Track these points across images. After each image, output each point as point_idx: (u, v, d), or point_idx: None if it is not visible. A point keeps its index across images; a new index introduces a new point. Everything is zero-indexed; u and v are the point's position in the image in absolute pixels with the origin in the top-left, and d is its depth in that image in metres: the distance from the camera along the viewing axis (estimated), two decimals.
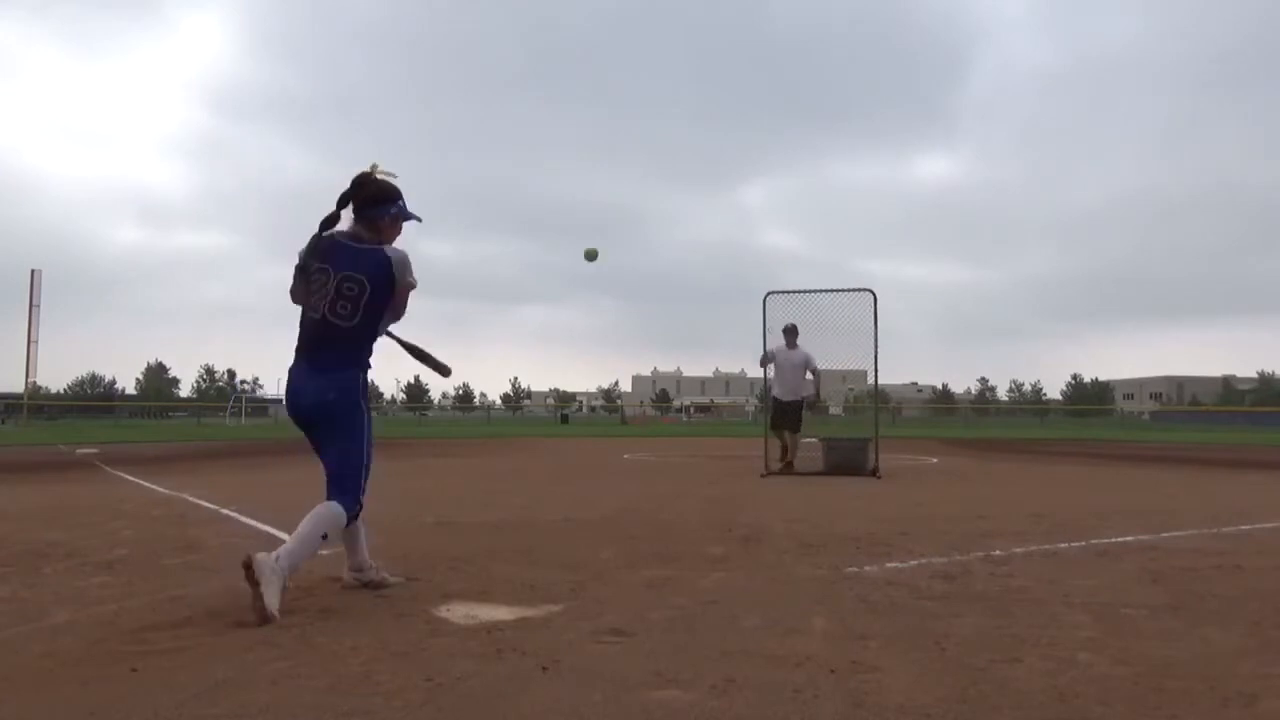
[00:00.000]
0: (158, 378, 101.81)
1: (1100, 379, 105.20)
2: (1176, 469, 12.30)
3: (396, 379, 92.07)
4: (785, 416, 10.35)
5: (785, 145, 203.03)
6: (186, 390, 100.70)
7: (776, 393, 10.48)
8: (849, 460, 9.98)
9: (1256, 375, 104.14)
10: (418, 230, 3.60)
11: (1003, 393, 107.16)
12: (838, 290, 10.22)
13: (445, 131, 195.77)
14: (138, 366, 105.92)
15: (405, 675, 2.43)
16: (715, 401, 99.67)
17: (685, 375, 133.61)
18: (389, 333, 3.58)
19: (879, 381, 10.33)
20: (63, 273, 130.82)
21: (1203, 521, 5.83)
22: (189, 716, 2.12)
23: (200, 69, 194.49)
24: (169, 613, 3.16)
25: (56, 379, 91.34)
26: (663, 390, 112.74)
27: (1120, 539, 5.00)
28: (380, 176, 3.50)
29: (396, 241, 3.51)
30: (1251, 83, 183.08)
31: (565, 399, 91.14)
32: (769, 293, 10.35)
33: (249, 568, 2.95)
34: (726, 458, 14.10)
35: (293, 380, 3.44)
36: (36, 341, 40.08)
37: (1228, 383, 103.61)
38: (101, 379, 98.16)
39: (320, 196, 3.58)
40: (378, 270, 3.36)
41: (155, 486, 8.46)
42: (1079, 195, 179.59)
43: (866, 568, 4.09)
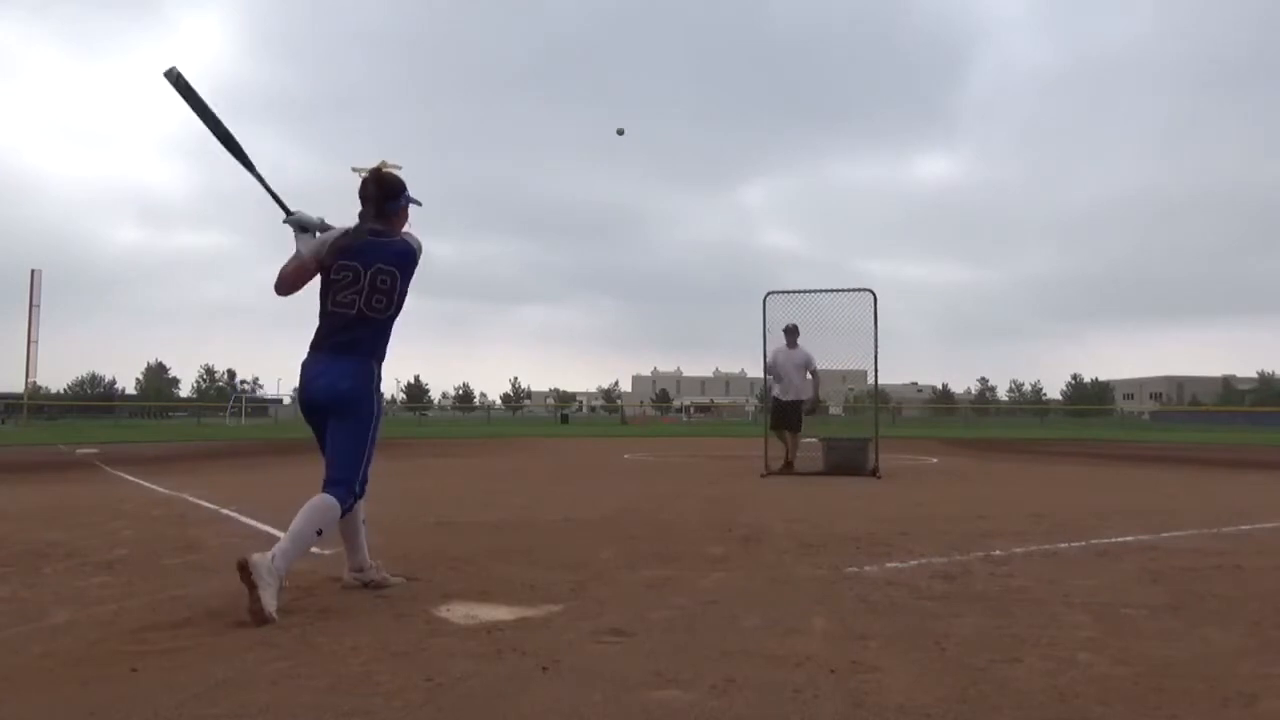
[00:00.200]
0: (158, 378, 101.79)
1: (1100, 379, 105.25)
2: (1176, 469, 12.30)
3: (396, 379, 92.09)
4: (785, 416, 10.35)
5: (785, 145, 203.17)
6: (186, 390, 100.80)
7: (776, 393, 10.47)
8: (849, 460, 9.98)
9: (1256, 375, 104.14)
10: (420, 230, 3.68)
11: (1003, 393, 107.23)
12: (838, 290, 10.25)
13: (445, 131, 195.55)
14: (138, 366, 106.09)
15: (405, 675, 2.43)
16: (715, 401, 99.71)
17: (685, 375, 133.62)
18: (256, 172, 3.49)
19: (879, 381, 10.34)
20: (63, 273, 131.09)
21: (1203, 521, 5.83)
22: (189, 716, 2.12)
23: (200, 69, 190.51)
24: (169, 613, 3.16)
25: (56, 379, 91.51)
26: (663, 390, 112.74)
27: (1120, 539, 5.00)
28: (388, 170, 3.67)
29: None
30: (1251, 83, 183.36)
31: (565, 399, 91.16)
32: (769, 293, 10.37)
33: (244, 569, 2.95)
34: (726, 458, 14.10)
35: (307, 371, 3.47)
36: (36, 341, 40.19)
37: (1228, 383, 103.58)
38: (101, 379, 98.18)
39: (321, 196, 3.63)
40: (405, 259, 3.51)
41: (155, 486, 8.46)
42: (1079, 195, 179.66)
43: (866, 568, 4.09)
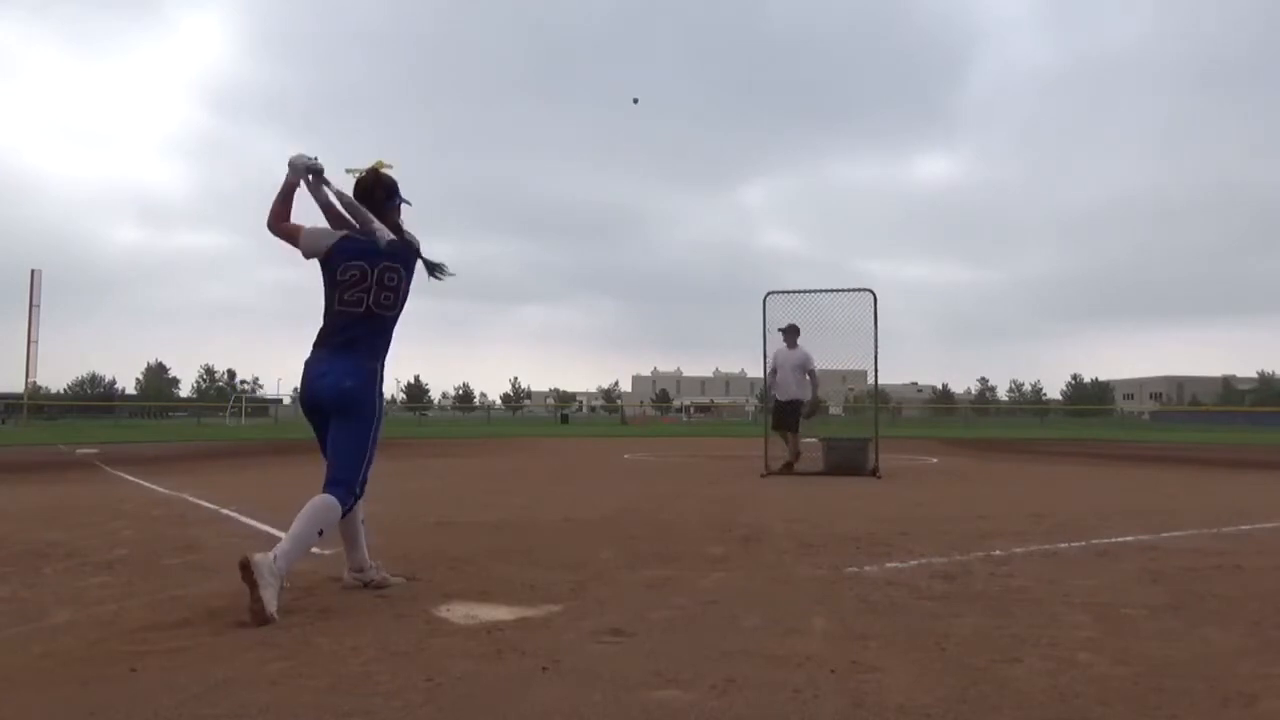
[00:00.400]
0: (158, 378, 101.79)
1: (1100, 379, 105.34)
2: (1176, 469, 12.30)
3: (396, 379, 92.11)
4: (783, 416, 10.37)
5: (785, 145, 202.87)
6: (186, 390, 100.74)
7: (775, 392, 10.51)
8: (849, 460, 9.98)
9: (1256, 375, 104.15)
10: (419, 230, 3.70)
11: (1003, 393, 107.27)
12: (838, 290, 10.25)
13: (445, 131, 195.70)
14: (138, 366, 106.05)
15: (405, 675, 2.43)
16: (715, 401, 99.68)
17: (685, 375, 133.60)
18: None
19: (879, 381, 10.35)
20: (63, 273, 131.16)
21: (1203, 521, 5.83)
22: (189, 716, 2.12)
23: (200, 69, 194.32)
24: (169, 613, 3.16)
25: (56, 379, 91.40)
26: (663, 390, 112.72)
27: (1120, 539, 5.00)
28: (385, 171, 3.67)
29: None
30: (1251, 83, 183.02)
31: (565, 399, 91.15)
32: (769, 293, 10.37)
33: (246, 568, 2.96)
34: (726, 458, 14.10)
35: (310, 368, 3.48)
36: (36, 341, 40.14)
37: (1228, 383, 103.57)
38: (101, 379, 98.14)
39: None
40: (410, 256, 3.58)
41: (155, 486, 8.46)
42: (1079, 195, 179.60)
43: (866, 568, 4.09)
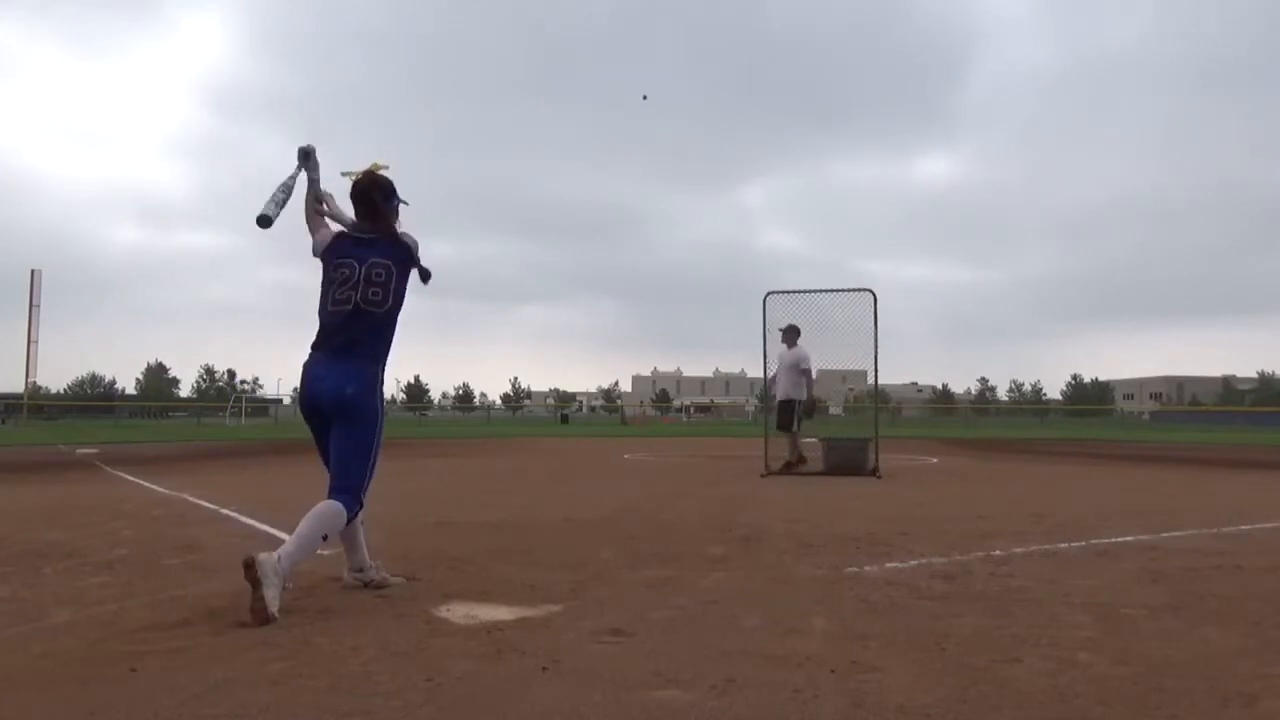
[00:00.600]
0: (158, 378, 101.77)
1: (1100, 379, 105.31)
2: (1176, 469, 12.30)
3: (396, 379, 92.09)
4: (780, 416, 10.39)
5: (785, 145, 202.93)
6: (186, 390, 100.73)
7: (775, 392, 10.57)
8: (849, 460, 9.98)
9: (1256, 375, 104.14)
10: (419, 230, 3.71)
11: (1003, 393, 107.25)
12: (838, 290, 10.26)
13: (445, 131, 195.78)
14: (138, 366, 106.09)
15: (405, 675, 2.43)
16: (715, 401, 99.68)
17: (685, 375, 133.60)
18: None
19: (879, 381, 10.35)
20: (63, 273, 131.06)
21: (1203, 521, 5.83)
22: (189, 716, 2.12)
23: (200, 69, 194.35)
24: (169, 613, 3.16)
25: (56, 379, 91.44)
26: (663, 390, 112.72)
27: (1120, 539, 5.00)
28: (381, 172, 3.68)
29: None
30: (1251, 83, 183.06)
31: (565, 399, 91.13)
32: (769, 293, 10.38)
33: (250, 567, 2.96)
34: (726, 458, 14.10)
35: (309, 371, 3.48)
36: (36, 341, 40.11)
37: (1228, 383, 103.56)
38: (101, 379, 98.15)
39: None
40: (400, 254, 3.57)
41: (155, 486, 8.45)
42: (1079, 195, 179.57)
43: (866, 568, 4.09)
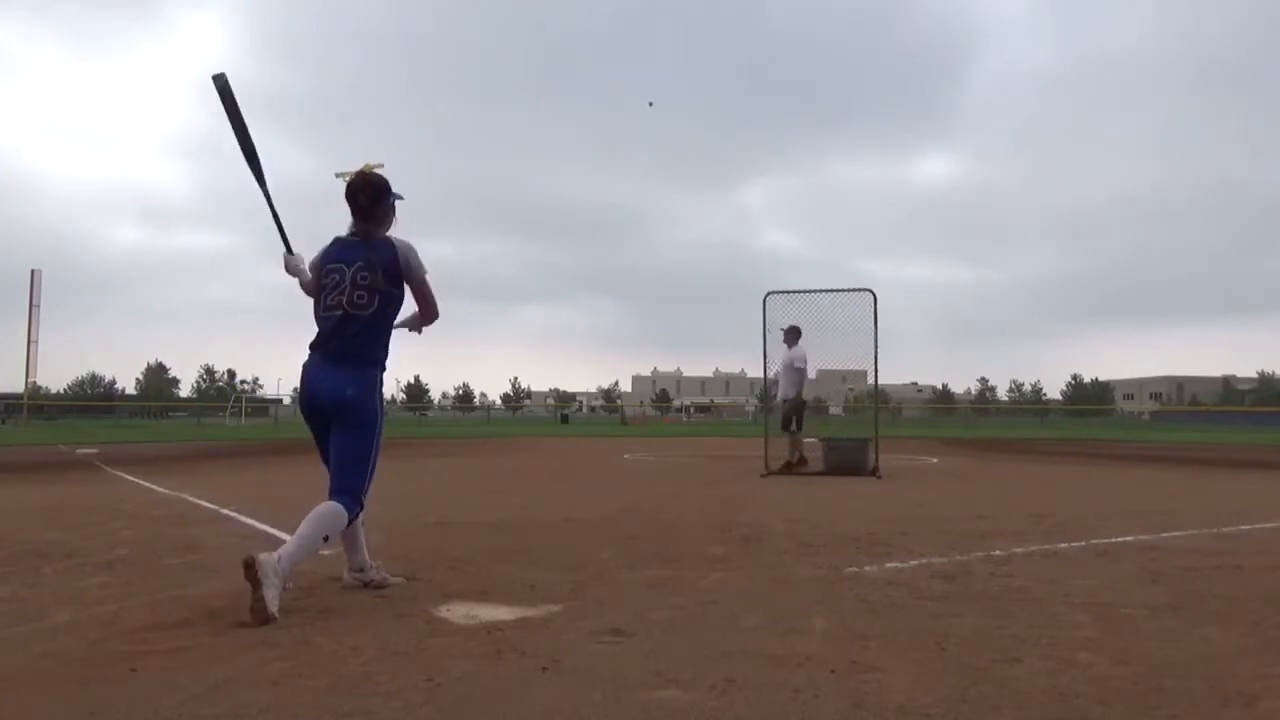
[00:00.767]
0: (158, 378, 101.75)
1: (1100, 379, 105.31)
2: (1176, 469, 12.30)
3: (396, 379, 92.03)
4: (780, 416, 10.43)
5: (785, 145, 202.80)
6: (186, 390, 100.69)
7: (775, 392, 10.62)
8: (849, 460, 9.99)
9: (1256, 375, 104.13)
10: (419, 230, 3.68)
11: (1003, 393, 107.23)
12: (838, 290, 10.27)
13: (445, 131, 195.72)
14: (138, 366, 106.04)
15: (405, 675, 2.43)
16: (715, 401, 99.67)
17: (685, 375, 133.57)
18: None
19: (879, 381, 10.35)
20: (63, 273, 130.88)
21: (1203, 521, 5.83)
22: (189, 716, 2.12)
23: (201, 69, 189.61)
24: (169, 613, 3.16)
25: (56, 379, 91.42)
26: (663, 390, 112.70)
27: (1120, 539, 5.00)
28: (372, 172, 3.63)
29: (394, 229, 3.65)
30: (1251, 83, 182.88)
31: (565, 399, 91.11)
32: (769, 293, 10.39)
33: (250, 567, 2.96)
34: (726, 458, 14.10)
35: (308, 373, 3.48)
36: (36, 341, 40.13)
37: (1228, 383, 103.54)
38: (101, 379, 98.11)
39: (320, 197, 3.65)
40: (388, 257, 3.52)
41: (155, 486, 8.46)
42: (1079, 195, 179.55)
43: (866, 568, 4.09)
